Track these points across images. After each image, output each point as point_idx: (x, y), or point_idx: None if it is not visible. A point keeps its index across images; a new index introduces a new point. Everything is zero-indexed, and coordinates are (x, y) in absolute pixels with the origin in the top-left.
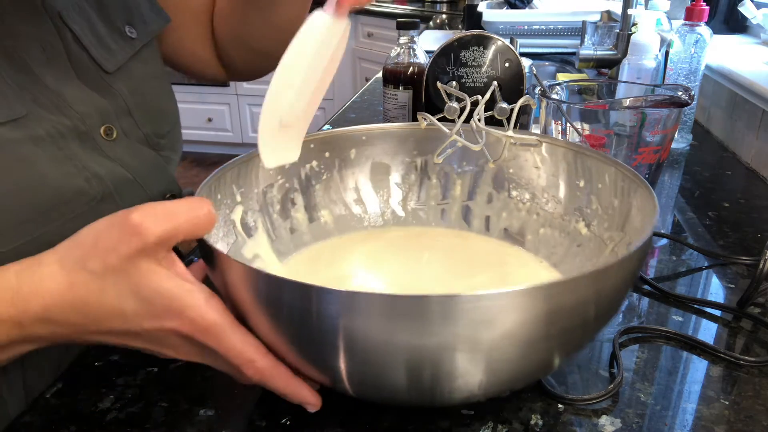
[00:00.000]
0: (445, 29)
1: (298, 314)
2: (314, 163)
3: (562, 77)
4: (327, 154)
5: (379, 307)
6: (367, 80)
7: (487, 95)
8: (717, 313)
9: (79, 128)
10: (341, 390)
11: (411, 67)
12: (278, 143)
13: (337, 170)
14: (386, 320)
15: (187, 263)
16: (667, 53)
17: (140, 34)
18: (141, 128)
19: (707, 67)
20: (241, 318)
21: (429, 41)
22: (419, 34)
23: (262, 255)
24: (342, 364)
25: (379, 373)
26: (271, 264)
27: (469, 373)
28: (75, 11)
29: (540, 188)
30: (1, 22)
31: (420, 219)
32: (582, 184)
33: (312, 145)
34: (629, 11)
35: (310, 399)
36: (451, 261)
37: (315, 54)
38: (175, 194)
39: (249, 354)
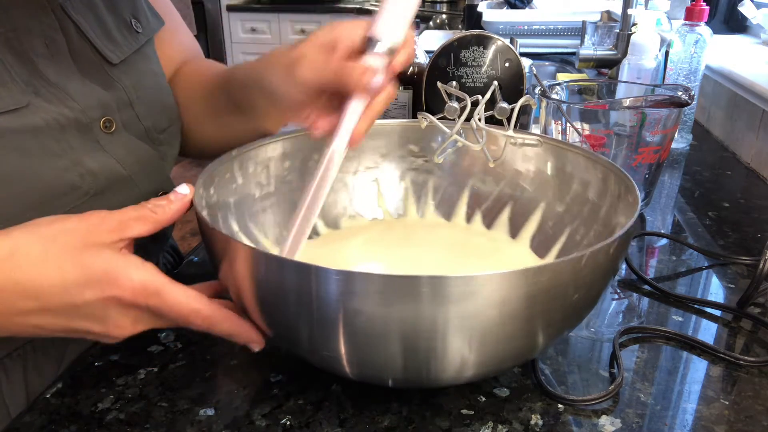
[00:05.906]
0: (445, 29)
1: (301, 295)
2: (314, 156)
3: (562, 77)
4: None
5: (375, 287)
6: None
7: (487, 95)
8: (717, 313)
9: (79, 120)
10: (341, 372)
11: (411, 67)
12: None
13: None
14: (381, 299)
15: (187, 263)
16: (667, 53)
17: (144, 30)
18: (142, 121)
19: (707, 67)
20: (241, 301)
21: (429, 41)
22: (419, 34)
23: (261, 242)
24: (341, 343)
25: (375, 350)
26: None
27: (458, 350)
28: (80, 1)
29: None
30: (7, 15)
31: (422, 212)
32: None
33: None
34: (629, 11)
35: (254, 338)
36: (450, 252)
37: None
38: (167, 192)
39: (193, 304)
